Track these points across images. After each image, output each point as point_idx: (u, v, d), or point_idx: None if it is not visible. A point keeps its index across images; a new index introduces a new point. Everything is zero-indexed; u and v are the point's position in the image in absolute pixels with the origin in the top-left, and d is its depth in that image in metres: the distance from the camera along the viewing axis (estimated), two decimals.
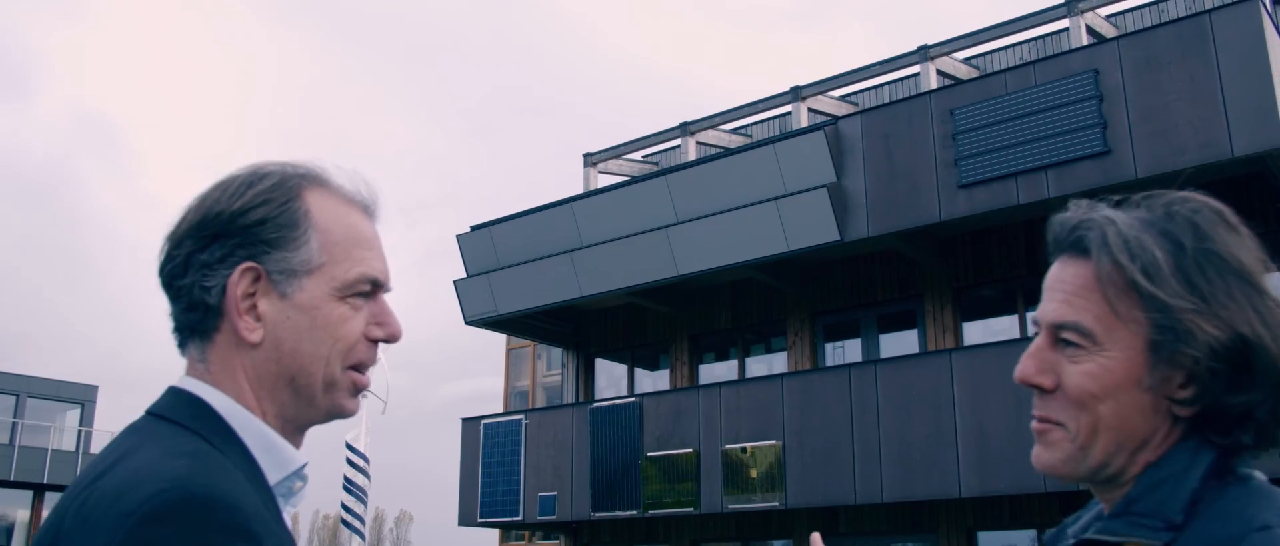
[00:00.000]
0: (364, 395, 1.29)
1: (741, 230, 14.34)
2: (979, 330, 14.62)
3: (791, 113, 16.84)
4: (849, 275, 15.44)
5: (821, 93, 16.58)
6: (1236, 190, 12.43)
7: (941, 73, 15.28)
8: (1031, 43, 16.46)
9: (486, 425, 17.13)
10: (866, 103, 17.25)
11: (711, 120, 17.56)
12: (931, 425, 12.62)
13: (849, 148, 13.85)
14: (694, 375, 17.13)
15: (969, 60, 16.42)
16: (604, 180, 18.62)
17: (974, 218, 12.95)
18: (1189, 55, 11.53)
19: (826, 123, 14.36)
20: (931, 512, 13.84)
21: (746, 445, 14.15)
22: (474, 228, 17.62)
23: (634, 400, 15.62)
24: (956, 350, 13.20)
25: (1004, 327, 14.43)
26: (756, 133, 18.65)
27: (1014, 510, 13.23)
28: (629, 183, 16.36)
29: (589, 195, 16.73)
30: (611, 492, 15.35)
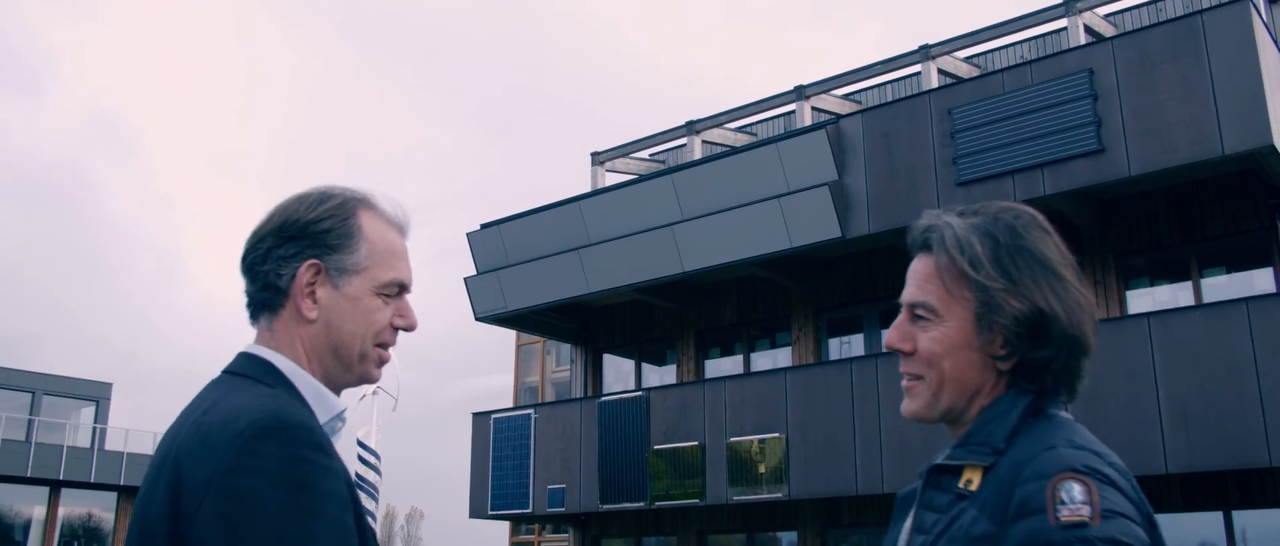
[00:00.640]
0: (375, 392, 1.73)
1: (746, 227, 14.59)
2: None
3: (795, 111, 17.06)
4: (851, 271, 15.68)
5: (825, 92, 16.79)
6: (1227, 187, 12.67)
7: (943, 72, 15.48)
8: (1032, 42, 16.63)
9: (497, 419, 17.42)
10: (869, 101, 17.42)
11: (717, 119, 17.77)
12: None
13: (850, 146, 14.10)
14: (700, 370, 17.38)
15: (970, 59, 16.61)
16: (611, 178, 18.81)
17: None
18: (1181, 55, 11.74)
19: (829, 121, 14.59)
20: None
21: (751, 438, 14.45)
22: (484, 226, 17.89)
23: (641, 394, 15.89)
24: None
25: None
26: (761, 131, 18.79)
27: None
28: (635, 181, 16.58)
29: (596, 193, 16.98)
30: (619, 485, 15.61)
